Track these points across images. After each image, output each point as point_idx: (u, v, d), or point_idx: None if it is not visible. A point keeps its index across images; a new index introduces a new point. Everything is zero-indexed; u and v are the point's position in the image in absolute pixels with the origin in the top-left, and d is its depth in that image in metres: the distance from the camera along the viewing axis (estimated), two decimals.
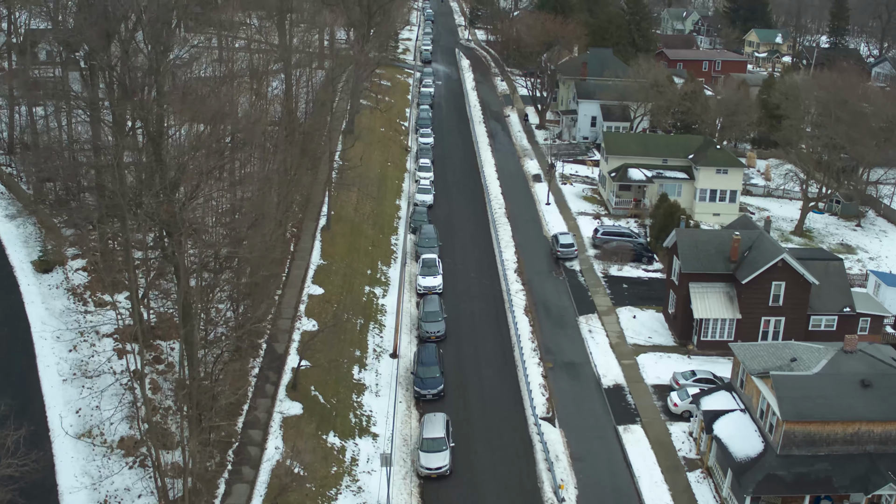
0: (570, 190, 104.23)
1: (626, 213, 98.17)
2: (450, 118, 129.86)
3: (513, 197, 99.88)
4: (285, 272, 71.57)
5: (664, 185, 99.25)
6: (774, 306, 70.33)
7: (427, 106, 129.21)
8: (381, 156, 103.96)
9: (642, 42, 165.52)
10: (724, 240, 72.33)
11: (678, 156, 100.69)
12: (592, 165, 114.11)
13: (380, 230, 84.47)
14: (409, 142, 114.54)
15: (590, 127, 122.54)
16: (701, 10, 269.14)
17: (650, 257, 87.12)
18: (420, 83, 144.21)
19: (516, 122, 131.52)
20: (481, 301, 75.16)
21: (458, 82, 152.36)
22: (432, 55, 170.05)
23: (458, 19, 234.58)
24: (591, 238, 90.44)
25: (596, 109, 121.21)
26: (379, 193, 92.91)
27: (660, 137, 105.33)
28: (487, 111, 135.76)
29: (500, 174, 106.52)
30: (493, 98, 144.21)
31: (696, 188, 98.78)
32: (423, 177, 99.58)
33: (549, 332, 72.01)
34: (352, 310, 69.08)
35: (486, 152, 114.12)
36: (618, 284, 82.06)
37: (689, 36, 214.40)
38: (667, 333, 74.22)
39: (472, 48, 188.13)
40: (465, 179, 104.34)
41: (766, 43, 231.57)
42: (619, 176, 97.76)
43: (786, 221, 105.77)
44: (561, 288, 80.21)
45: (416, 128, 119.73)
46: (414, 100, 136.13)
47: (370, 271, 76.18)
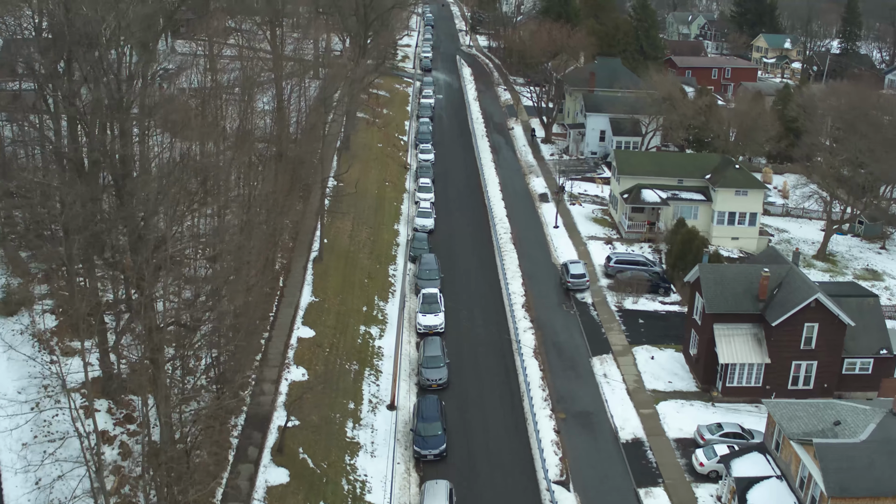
0: (579, 211, 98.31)
1: (640, 237, 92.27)
2: (451, 132, 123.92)
3: (518, 219, 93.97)
4: (273, 311, 65.67)
5: (679, 208, 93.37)
6: (806, 349, 64.55)
7: (427, 119, 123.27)
8: (378, 175, 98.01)
9: (650, 49, 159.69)
10: (751, 277, 66.46)
11: (694, 176, 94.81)
12: (602, 183, 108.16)
13: (377, 259, 78.54)
14: (408, 158, 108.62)
15: (598, 141, 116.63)
16: (706, 14, 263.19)
17: (667, 288, 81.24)
18: (420, 93, 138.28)
19: (521, 135, 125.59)
20: (487, 342, 69.24)
21: (459, 92, 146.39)
22: (432, 63, 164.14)
23: (459, 24, 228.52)
24: (603, 266, 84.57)
25: (605, 123, 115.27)
26: (376, 218, 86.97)
27: (675, 156, 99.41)
28: (490, 123, 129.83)
29: (505, 193, 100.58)
30: (496, 109, 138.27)
31: (713, 210, 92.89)
32: (423, 198, 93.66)
33: (560, 377, 66.11)
34: (345, 354, 63.16)
35: (489, 169, 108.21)
36: (633, 319, 76.17)
37: (697, 42, 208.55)
38: (688, 377, 68.36)
39: (473, 55, 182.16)
40: (467, 200, 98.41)
41: (775, 48, 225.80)
42: (632, 198, 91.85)
43: (807, 244, 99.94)
44: (572, 324, 74.32)
45: (415, 143, 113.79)
46: (413, 112, 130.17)
47: (366, 308, 70.25)
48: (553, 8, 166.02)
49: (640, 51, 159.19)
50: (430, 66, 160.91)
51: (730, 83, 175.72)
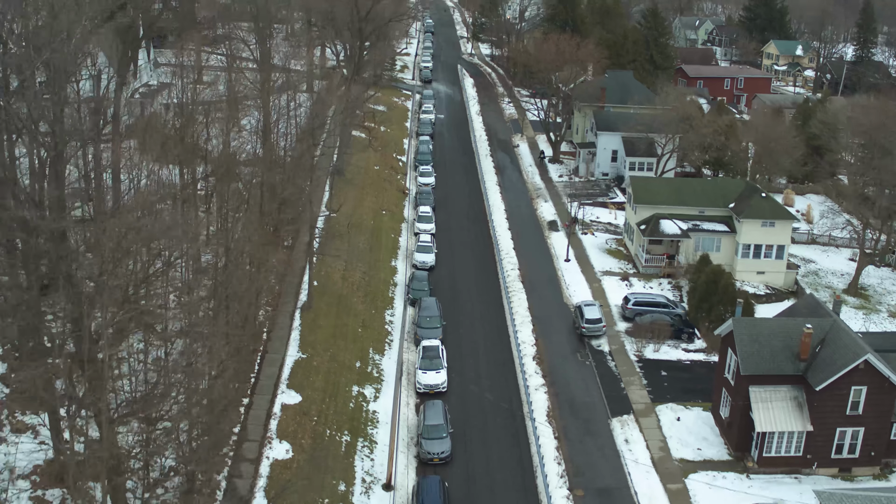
0: (592, 241, 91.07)
1: (659, 271, 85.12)
2: (453, 150, 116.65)
3: (527, 252, 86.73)
4: (255, 371, 58.46)
5: (701, 240, 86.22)
6: (853, 415, 57.48)
7: (427, 136, 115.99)
8: (374, 202, 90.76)
9: (660, 59, 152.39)
10: (791, 332, 59.23)
11: (717, 205, 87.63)
12: (615, 209, 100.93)
13: (372, 303, 71.27)
14: (407, 182, 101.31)
15: (610, 162, 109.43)
16: (714, 18, 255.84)
17: (690, 334, 74.06)
18: (420, 108, 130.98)
19: (526, 153, 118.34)
20: (495, 404, 61.95)
21: (461, 105, 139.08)
22: (433, 73, 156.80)
23: (460, 30, 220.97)
24: (620, 308, 77.37)
25: (617, 143, 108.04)
26: (371, 253, 79.73)
27: (695, 183, 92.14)
28: (494, 140, 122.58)
29: (511, 222, 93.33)
30: (500, 124, 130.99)
31: (737, 243, 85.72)
32: (423, 229, 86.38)
33: (577, 445, 58.88)
34: (336, 422, 55.93)
35: (494, 193, 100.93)
36: (655, 371, 69.00)
37: (707, 50, 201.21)
38: (718, 442, 61.18)
39: (475, 64, 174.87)
40: (471, 230, 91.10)
41: (786, 55, 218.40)
42: (650, 229, 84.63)
43: (836, 276, 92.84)
44: (588, 377, 67.12)
45: (414, 164, 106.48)
46: (412, 128, 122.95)
47: (359, 363, 62.99)
48: (559, 16, 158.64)
49: (649, 60, 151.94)
50: (431, 76, 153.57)
51: (743, 94, 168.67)
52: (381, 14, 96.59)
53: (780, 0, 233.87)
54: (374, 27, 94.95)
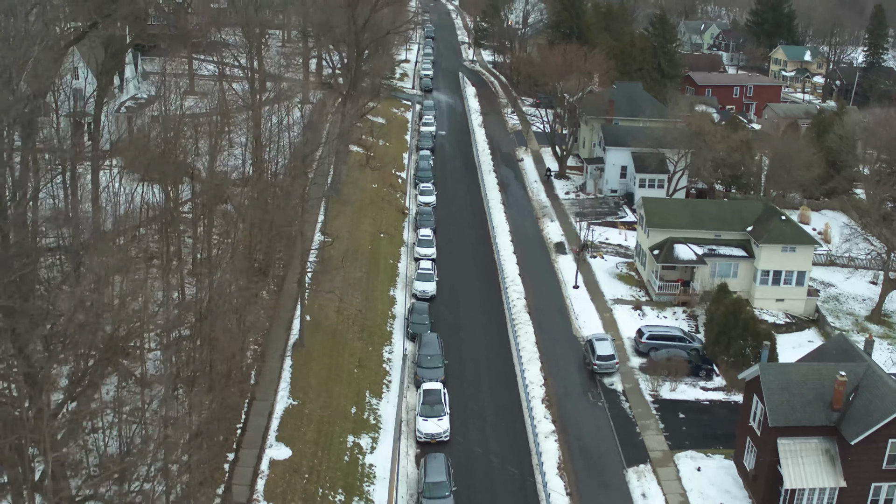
0: (601, 266, 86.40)
1: (673, 299, 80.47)
2: (454, 165, 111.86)
3: (533, 278, 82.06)
4: (242, 421, 53.80)
5: (717, 265, 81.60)
6: (889, 469, 52.88)
7: (428, 151, 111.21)
8: (372, 224, 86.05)
9: (668, 67, 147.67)
10: (823, 379, 54.57)
11: (734, 228, 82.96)
12: (624, 228, 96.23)
13: (369, 339, 66.57)
14: (406, 201, 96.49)
15: (619, 178, 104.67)
16: (719, 22, 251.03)
17: (709, 370, 69.42)
18: (420, 119, 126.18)
19: (531, 168, 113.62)
20: (501, 456, 57.18)
21: (462, 116, 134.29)
22: (433, 81, 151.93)
23: (461, 35, 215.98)
24: (633, 341, 72.75)
25: (627, 158, 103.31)
26: (369, 281, 75.03)
27: (711, 205, 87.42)
28: (497, 153, 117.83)
29: (517, 244, 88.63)
30: (503, 136, 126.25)
31: (755, 269, 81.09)
32: (423, 255, 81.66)
33: (590, 500, 54.25)
34: (329, 480, 51.26)
35: (498, 212, 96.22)
36: (672, 413, 64.35)
37: (714, 56, 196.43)
38: (742, 496, 56.61)
39: (477, 71, 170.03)
40: (474, 255, 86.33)
41: (794, 61, 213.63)
42: (664, 255, 79.95)
43: (857, 302, 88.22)
44: (601, 420, 62.47)
45: (414, 181, 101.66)
46: (412, 141, 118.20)
47: (355, 409, 58.31)
48: (564, 22, 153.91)
49: (657, 69, 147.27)
50: (431, 85, 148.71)
51: (752, 102, 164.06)
52: (379, 24, 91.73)
53: (787, 4, 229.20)
54: (372, 38, 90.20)
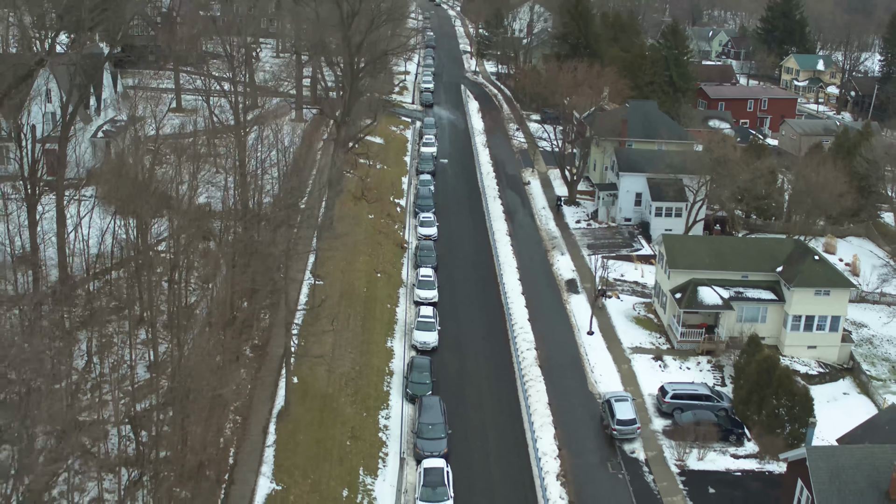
0: (617, 307, 79.56)
1: (696, 347, 73.67)
2: (457, 190, 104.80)
3: (544, 322, 75.17)
4: None
5: (744, 310, 74.85)
6: None
7: (428, 175, 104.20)
8: (368, 261, 79.15)
9: (681, 81, 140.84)
10: (876, 464, 47.67)
11: (762, 268, 76.16)
12: (640, 262, 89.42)
13: (363, 402, 59.71)
14: (405, 232, 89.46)
15: (633, 206, 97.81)
16: (729, 30, 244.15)
17: (739, 435, 62.60)
18: (420, 138, 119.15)
19: (539, 192, 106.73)
20: None
21: (465, 134, 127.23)
22: (434, 95, 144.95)
23: (463, 43, 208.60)
24: (655, 399, 65.99)
25: (642, 184, 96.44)
26: (364, 332, 68.16)
27: (737, 244, 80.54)
28: (502, 176, 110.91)
29: (525, 283, 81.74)
30: (508, 156, 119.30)
31: (785, 313, 74.32)
32: (423, 298, 74.69)
33: None
34: None
35: (504, 245, 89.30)
36: (701, 486, 57.57)
37: (726, 67, 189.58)
38: None
39: (479, 83, 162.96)
40: (479, 296, 79.24)
41: (807, 70, 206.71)
42: (687, 300, 73.10)
43: (893, 345, 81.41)
44: (623, 496, 55.68)
45: (414, 210, 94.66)
46: (412, 163, 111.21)
47: (347, 491, 51.45)
48: (571, 34, 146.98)
49: (669, 82, 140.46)
50: (432, 99, 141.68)
51: (766, 115, 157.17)
52: (376, 43, 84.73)
53: (798, 11, 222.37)
54: (369, 60, 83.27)
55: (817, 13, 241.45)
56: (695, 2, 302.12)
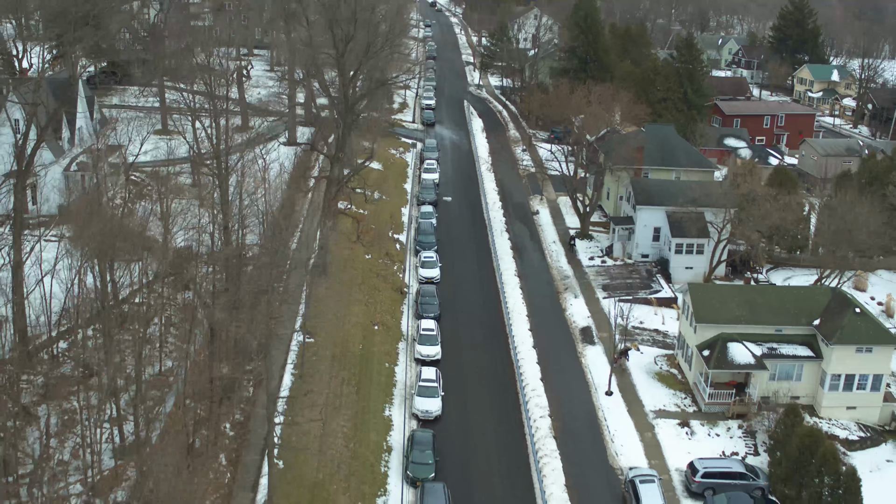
0: (637, 360, 72.64)
1: (726, 410, 66.79)
2: (461, 223, 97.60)
3: (557, 382, 68.25)
4: None
5: (777, 367, 68.04)
6: None
7: (430, 206, 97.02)
8: (364, 310, 72.18)
9: (695, 97, 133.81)
10: None
11: (798, 322, 69.32)
12: (658, 306, 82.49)
13: (357, 489, 52.73)
14: (405, 274, 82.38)
15: (651, 242, 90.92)
16: (739, 38, 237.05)
17: None
18: (421, 163, 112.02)
19: (549, 223, 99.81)
20: None
21: (468, 156, 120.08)
22: (436, 112, 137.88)
23: (465, 54, 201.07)
24: (684, 476, 59.14)
25: (661, 219, 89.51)
26: (359, 397, 61.22)
27: (770, 293, 73.57)
28: (509, 205, 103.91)
29: (537, 332, 74.79)
30: (514, 181, 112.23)
31: (823, 371, 67.48)
32: (425, 356, 67.74)
33: None
34: None
35: (512, 288, 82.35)
36: None
37: (740, 80, 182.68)
38: None
39: (483, 98, 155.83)
40: (487, 351, 71.98)
41: (821, 81, 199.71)
42: (716, 359, 66.23)
43: None
44: None
45: (415, 248, 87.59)
46: (413, 191, 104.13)
47: None
48: (580, 47, 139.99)
49: (683, 99, 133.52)
50: (434, 118, 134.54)
51: (784, 132, 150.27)
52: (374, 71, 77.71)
53: (812, 20, 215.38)
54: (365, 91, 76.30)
55: (826, 19, 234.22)
56: (702, 7, 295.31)
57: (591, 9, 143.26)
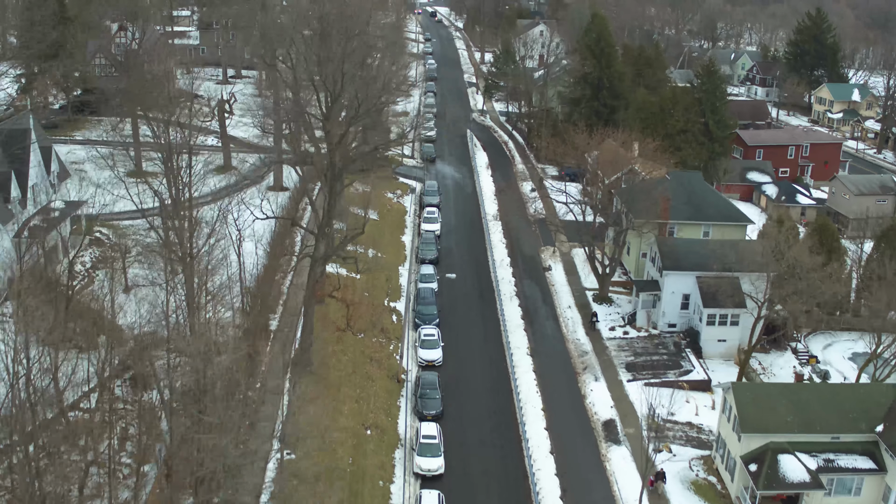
0: (669, 466, 62.85)
1: None
2: (465, 284, 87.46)
3: (580, 497, 58.57)
4: None
5: (834, 482, 58.43)
6: None
7: (431, 267, 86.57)
8: (355, 412, 62.18)
9: (717, 128, 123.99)
10: None
11: (857, 428, 59.69)
12: (687, 389, 72.76)
13: None
14: (403, 356, 72.40)
15: (679, 310, 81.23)
16: (752, 53, 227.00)
17: None
18: (421, 209, 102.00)
19: (563, 282, 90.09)
20: None
21: (473, 200, 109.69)
22: (437, 144, 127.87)
23: (468, 73, 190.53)
24: None
25: (690, 285, 79.84)
26: None
27: (826, 394, 63.47)
28: (518, 259, 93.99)
29: (553, 430, 65.07)
30: (524, 228, 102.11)
31: (888, 487, 57.88)
32: (426, 470, 57.92)
33: None
34: None
35: (525, 371, 72.46)
36: None
37: (759, 103, 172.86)
38: None
39: (487, 127, 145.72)
40: (496, 460, 62.13)
41: (841, 101, 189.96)
42: (766, 476, 56.62)
43: None
44: None
45: (413, 321, 77.58)
46: (412, 244, 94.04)
47: None
48: (591, 73, 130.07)
49: (703, 131, 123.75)
50: (434, 153, 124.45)
51: (808, 163, 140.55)
52: (366, 133, 67.79)
53: (831, 35, 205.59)
54: (355, 155, 66.44)
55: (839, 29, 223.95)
56: (710, 15, 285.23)
57: (604, 31, 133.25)
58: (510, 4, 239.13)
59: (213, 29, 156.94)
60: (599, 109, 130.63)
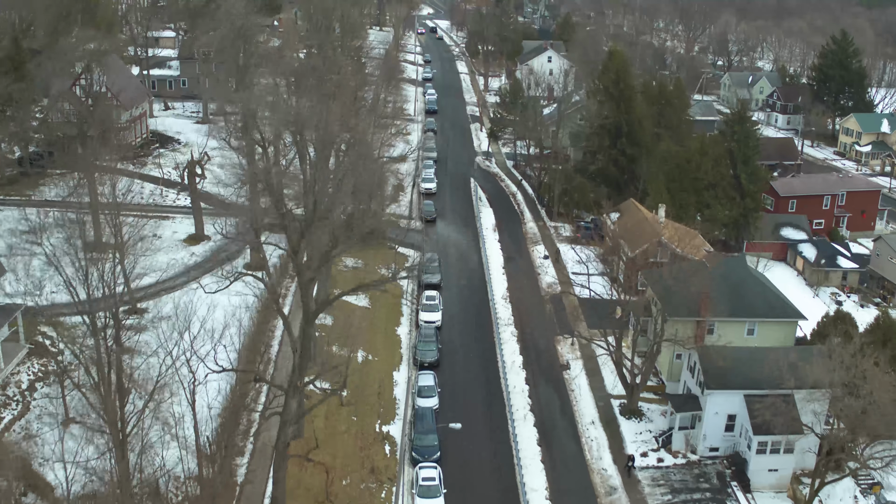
0: None
1: None
2: (469, 396, 74.42)
3: None
4: None
5: None
6: None
7: (430, 377, 72.79)
8: None
9: (749, 182, 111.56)
10: None
11: None
12: None
13: None
14: (398, 495, 59.58)
15: (723, 432, 68.68)
16: (772, 77, 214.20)
17: None
18: (421, 289, 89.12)
19: (583, 384, 77.47)
20: None
21: (478, 274, 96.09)
22: (437, 198, 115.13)
23: (471, 104, 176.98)
24: None
25: (737, 405, 67.37)
26: None
27: None
28: (532, 355, 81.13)
29: None
30: (537, 310, 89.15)
31: None
32: None
33: None
34: None
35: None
36: None
37: (786, 141, 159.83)
38: None
39: (493, 174, 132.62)
40: None
41: (870, 133, 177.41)
42: None
43: None
44: None
45: (411, 455, 64.56)
46: (410, 341, 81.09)
47: None
48: (609, 119, 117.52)
49: (735, 185, 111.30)
50: (434, 211, 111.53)
51: (844, 213, 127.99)
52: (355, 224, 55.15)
53: (857, 60, 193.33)
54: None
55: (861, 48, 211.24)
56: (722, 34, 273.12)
57: (623, 71, 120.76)
58: (514, 25, 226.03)
59: (194, 59, 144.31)
60: (618, 158, 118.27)
